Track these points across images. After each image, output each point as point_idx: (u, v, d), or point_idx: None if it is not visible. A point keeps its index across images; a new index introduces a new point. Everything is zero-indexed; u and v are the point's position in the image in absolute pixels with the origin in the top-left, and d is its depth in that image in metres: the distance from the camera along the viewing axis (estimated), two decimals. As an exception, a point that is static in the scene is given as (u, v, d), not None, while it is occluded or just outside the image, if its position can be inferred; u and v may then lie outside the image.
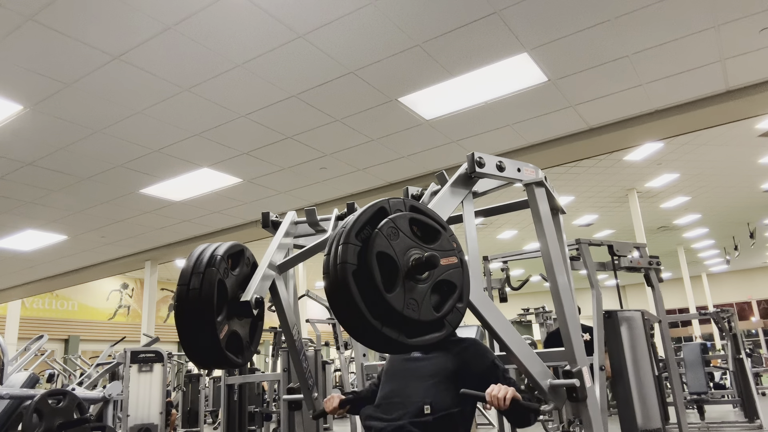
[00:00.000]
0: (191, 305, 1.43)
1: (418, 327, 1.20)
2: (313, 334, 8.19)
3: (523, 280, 5.79)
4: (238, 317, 1.56)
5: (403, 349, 1.21)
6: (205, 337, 1.42)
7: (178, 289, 1.47)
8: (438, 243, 1.30)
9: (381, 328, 1.15)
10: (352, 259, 1.19)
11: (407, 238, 1.26)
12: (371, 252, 1.19)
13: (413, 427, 1.73)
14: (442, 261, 1.26)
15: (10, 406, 4.23)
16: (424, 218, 1.33)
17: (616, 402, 3.54)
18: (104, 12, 3.41)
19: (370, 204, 1.31)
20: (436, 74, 4.36)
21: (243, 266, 1.67)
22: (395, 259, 1.21)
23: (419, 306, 1.19)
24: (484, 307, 1.49)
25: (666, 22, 3.85)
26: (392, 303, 1.16)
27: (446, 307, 1.25)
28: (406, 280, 1.20)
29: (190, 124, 4.94)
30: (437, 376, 1.86)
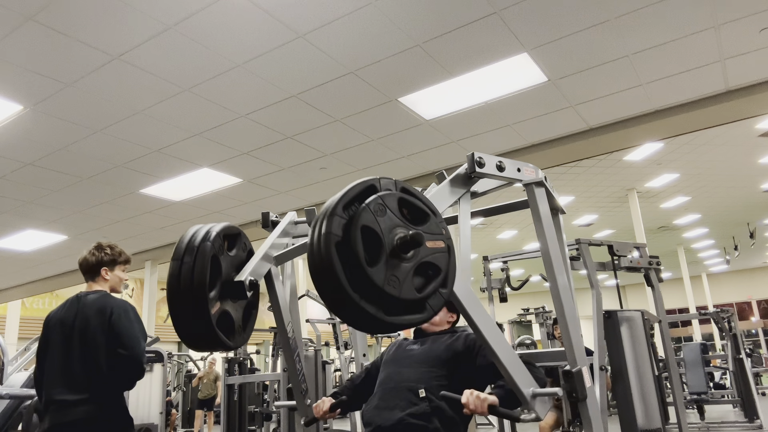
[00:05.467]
0: (184, 278, 1.41)
1: (398, 305, 1.17)
2: (313, 334, 8.19)
3: (523, 280, 5.79)
4: (231, 299, 1.53)
5: (381, 327, 1.17)
6: (196, 313, 1.39)
7: (171, 263, 1.44)
8: (426, 225, 1.29)
9: (359, 301, 1.13)
10: (337, 231, 1.18)
11: (395, 216, 1.25)
12: (356, 225, 1.18)
13: (412, 418, 1.76)
14: (429, 243, 1.25)
15: (10, 406, 4.23)
16: (414, 200, 1.32)
17: (616, 402, 3.54)
18: (104, 12, 3.41)
19: (360, 180, 1.31)
20: (436, 74, 4.36)
21: (239, 249, 1.64)
22: (380, 236, 1.20)
23: (400, 284, 1.17)
24: (470, 304, 1.47)
25: (666, 22, 3.85)
26: (373, 277, 1.14)
27: (428, 289, 1.22)
28: (389, 258, 1.18)
29: (190, 124, 4.94)
30: (431, 362, 1.91)
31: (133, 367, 2.34)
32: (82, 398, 2.24)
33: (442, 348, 1.96)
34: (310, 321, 7.79)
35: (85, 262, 2.61)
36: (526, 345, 9.91)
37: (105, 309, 2.38)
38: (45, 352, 2.41)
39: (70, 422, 2.21)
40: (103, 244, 2.69)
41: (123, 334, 2.34)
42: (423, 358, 1.97)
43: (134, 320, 2.43)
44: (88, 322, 2.35)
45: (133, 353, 2.32)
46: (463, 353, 1.91)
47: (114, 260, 2.67)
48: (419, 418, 1.76)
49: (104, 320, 2.34)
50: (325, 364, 5.01)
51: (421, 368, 1.92)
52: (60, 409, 2.23)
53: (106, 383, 2.30)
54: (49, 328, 2.46)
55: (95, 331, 2.32)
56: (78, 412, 2.22)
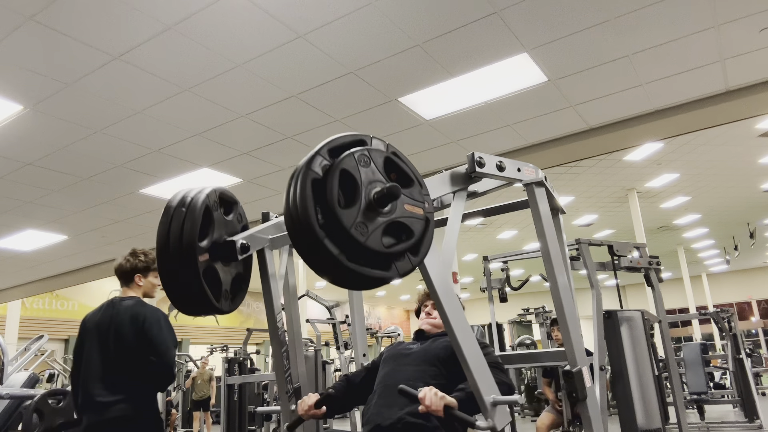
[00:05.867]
0: (174, 224, 1.38)
1: (363, 253, 1.14)
2: (313, 334, 8.19)
3: (523, 280, 5.80)
4: (222, 261, 1.48)
5: (341, 272, 1.13)
6: (183, 259, 1.35)
7: (163, 213, 1.41)
8: (408, 190, 1.28)
9: (323, 238, 1.11)
10: (317, 169, 1.17)
11: (377, 171, 1.24)
12: (336, 167, 1.18)
13: (411, 417, 1.76)
14: (407, 207, 1.23)
15: (10, 406, 4.23)
16: (401, 164, 1.31)
17: (616, 402, 3.54)
18: (104, 12, 3.41)
19: (353, 133, 1.30)
20: (436, 74, 4.36)
21: (235, 218, 1.61)
22: (358, 184, 1.19)
23: (368, 233, 1.15)
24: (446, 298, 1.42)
25: (666, 22, 3.85)
26: (341, 218, 1.12)
27: (397, 248, 1.19)
28: (363, 208, 1.17)
29: (190, 124, 4.94)
30: (429, 362, 1.92)
31: (164, 373, 2.48)
32: (118, 399, 2.39)
33: (440, 348, 1.97)
34: (310, 321, 7.79)
35: (119, 268, 2.78)
36: (526, 345, 9.91)
37: (138, 317, 2.51)
38: (81, 354, 2.56)
39: (107, 420, 2.36)
40: (138, 251, 2.82)
41: (155, 342, 2.46)
42: (421, 357, 1.98)
43: (165, 328, 2.55)
44: (123, 328, 2.48)
45: (163, 360, 2.46)
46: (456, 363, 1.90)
47: (147, 267, 2.77)
48: (418, 417, 1.76)
49: (138, 328, 2.48)
50: (325, 364, 5.02)
51: (419, 367, 1.92)
52: (98, 409, 2.38)
53: (139, 386, 2.45)
54: (85, 331, 2.60)
55: (129, 338, 2.46)
56: (114, 410, 2.37)
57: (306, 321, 7.93)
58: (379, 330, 11.48)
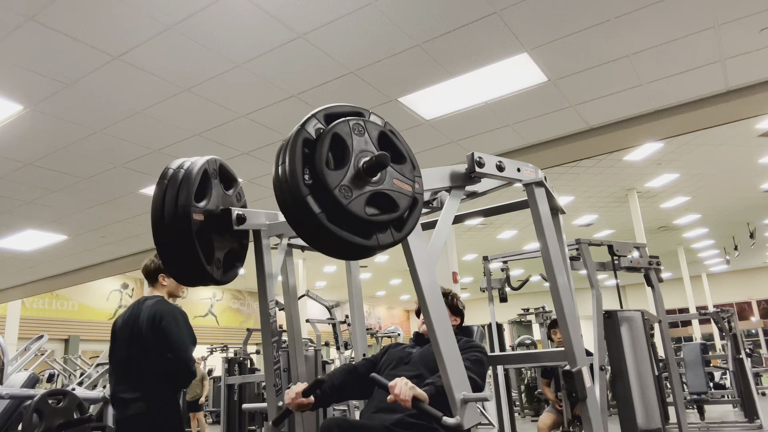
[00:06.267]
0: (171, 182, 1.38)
1: (343, 216, 1.13)
2: (313, 334, 8.19)
3: (523, 280, 5.80)
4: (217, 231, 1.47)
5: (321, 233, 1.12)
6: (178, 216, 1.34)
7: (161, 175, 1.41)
8: (399, 167, 1.27)
9: (305, 196, 1.11)
10: (310, 130, 1.18)
11: (370, 143, 1.24)
12: (329, 131, 1.18)
13: (410, 418, 1.76)
14: (396, 181, 1.23)
15: (10, 406, 4.23)
16: (397, 141, 1.31)
17: (616, 402, 3.54)
18: (104, 12, 3.41)
19: (353, 105, 1.30)
20: (436, 74, 4.36)
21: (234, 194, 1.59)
22: (349, 150, 1.19)
23: (352, 197, 1.15)
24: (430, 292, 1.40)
25: (666, 22, 3.85)
26: (327, 178, 1.12)
27: (380, 218, 1.18)
28: (351, 173, 1.17)
29: (190, 124, 4.94)
30: (425, 367, 1.92)
31: (180, 370, 2.56)
32: (137, 396, 2.51)
33: None
34: (310, 321, 7.79)
35: (145, 268, 2.84)
36: (526, 345, 9.91)
37: (156, 315, 2.60)
38: (112, 353, 2.70)
39: (128, 417, 2.50)
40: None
41: (171, 340, 2.54)
42: (421, 360, 1.98)
43: (182, 326, 2.62)
44: (143, 327, 2.59)
45: (179, 357, 2.52)
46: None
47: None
48: (419, 417, 1.76)
49: (155, 326, 2.56)
50: (325, 364, 5.01)
51: (419, 370, 1.92)
52: (122, 405, 2.53)
53: (157, 384, 2.53)
54: (116, 330, 2.73)
55: (148, 336, 2.56)
56: (134, 407, 2.49)
57: (306, 321, 7.92)
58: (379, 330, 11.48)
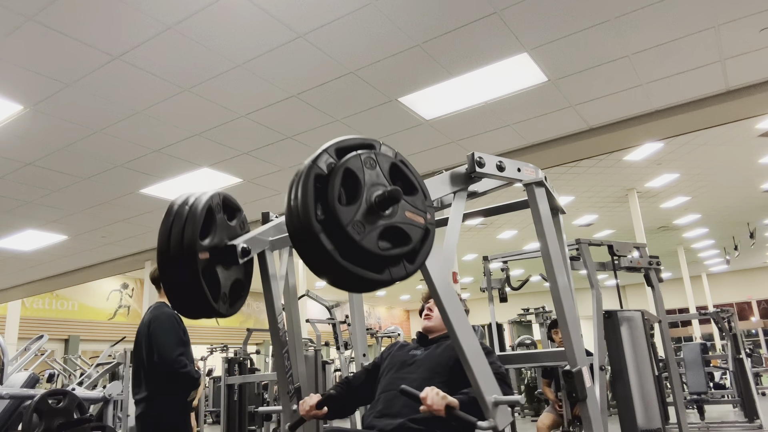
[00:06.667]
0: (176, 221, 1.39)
1: (356, 252, 1.14)
2: (313, 334, 8.19)
3: (523, 280, 5.79)
4: (222, 264, 1.49)
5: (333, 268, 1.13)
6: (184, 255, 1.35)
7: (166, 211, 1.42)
8: (411, 198, 1.27)
9: (319, 233, 1.11)
10: (321, 165, 1.18)
11: (382, 175, 1.24)
12: (341, 165, 1.18)
13: (412, 423, 1.76)
14: (408, 214, 1.23)
15: (10, 406, 4.23)
16: (408, 172, 1.31)
17: (616, 402, 3.54)
18: (104, 12, 3.41)
19: (364, 137, 1.30)
20: (436, 74, 4.36)
21: (237, 224, 1.61)
22: (361, 184, 1.18)
23: (365, 232, 1.15)
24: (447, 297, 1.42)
25: (666, 22, 3.85)
26: (339, 214, 1.12)
27: (393, 252, 1.19)
28: (363, 208, 1.17)
29: (190, 124, 4.95)
30: (433, 368, 1.91)
31: (165, 373, 2.71)
32: (142, 397, 2.77)
33: (445, 354, 1.95)
34: (310, 321, 7.79)
35: (152, 274, 3.03)
36: (526, 345, 9.91)
37: (150, 321, 2.81)
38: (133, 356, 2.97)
39: (136, 417, 2.80)
40: None
41: (157, 342, 2.73)
42: (426, 363, 1.96)
43: (168, 329, 2.78)
44: (142, 332, 2.83)
45: (162, 359, 2.69)
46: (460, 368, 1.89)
47: None
48: (420, 423, 1.76)
49: (149, 331, 2.78)
50: (325, 364, 5.01)
51: (423, 374, 1.91)
52: (136, 406, 2.81)
53: (155, 385, 2.76)
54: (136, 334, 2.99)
55: (145, 340, 2.79)
56: (139, 408, 2.76)
57: (306, 321, 7.92)
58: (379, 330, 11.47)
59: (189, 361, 2.88)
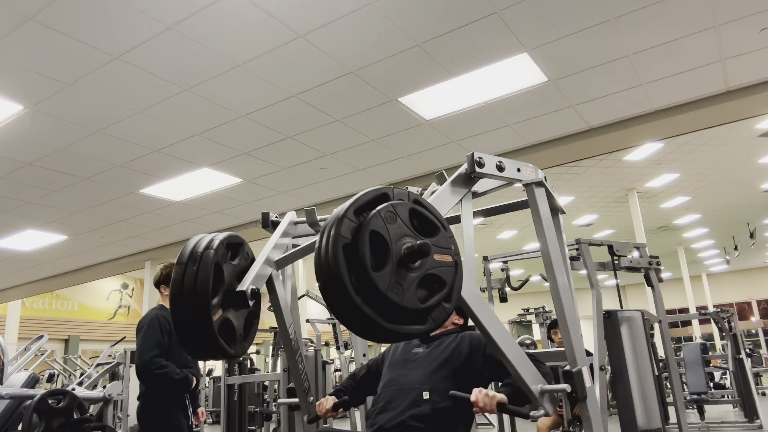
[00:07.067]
0: (187, 286, 1.42)
1: (400, 313, 1.17)
2: (313, 334, 8.19)
3: (523, 280, 5.80)
4: (233, 308, 1.54)
5: (382, 334, 1.17)
6: (198, 320, 1.40)
7: (175, 270, 1.46)
8: (435, 239, 1.29)
9: (361, 305, 1.13)
10: (346, 234, 1.18)
11: (404, 226, 1.25)
12: (365, 230, 1.18)
13: (413, 420, 1.76)
14: (436, 256, 1.25)
15: (10, 406, 4.23)
16: (425, 212, 1.32)
17: (616, 402, 3.54)
18: (104, 12, 3.41)
19: (374, 188, 1.30)
20: (436, 74, 4.36)
21: (241, 258, 1.65)
22: (388, 243, 1.20)
23: (404, 292, 1.17)
24: (477, 306, 1.48)
25: (666, 22, 3.85)
26: (377, 282, 1.14)
27: (432, 301, 1.22)
28: (395, 266, 1.19)
29: (190, 124, 4.94)
30: (436, 365, 1.92)
31: (139, 375, 2.95)
32: (139, 395, 3.03)
33: (448, 351, 1.96)
34: (310, 321, 7.79)
35: (154, 278, 3.21)
36: (526, 345, 9.91)
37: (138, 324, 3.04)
38: None
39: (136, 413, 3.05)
40: (167, 264, 3.24)
41: (137, 347, 2.96)
42: (428, 360, 1.97)
43: (146, 332, 2.95)
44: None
45: (138, 362, 2.92)
46: (468, 355, 1.91)
47: (168, 275, 3.18)
48: (420, 420, 1.77)
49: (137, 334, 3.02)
50: (325, 364, 5.01)
51: (425, 370, 1.92)
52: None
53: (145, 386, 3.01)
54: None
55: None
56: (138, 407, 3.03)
57: (306, 321, 7.92)
58: (379, 330, 11.46)
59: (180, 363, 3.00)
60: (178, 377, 2.95)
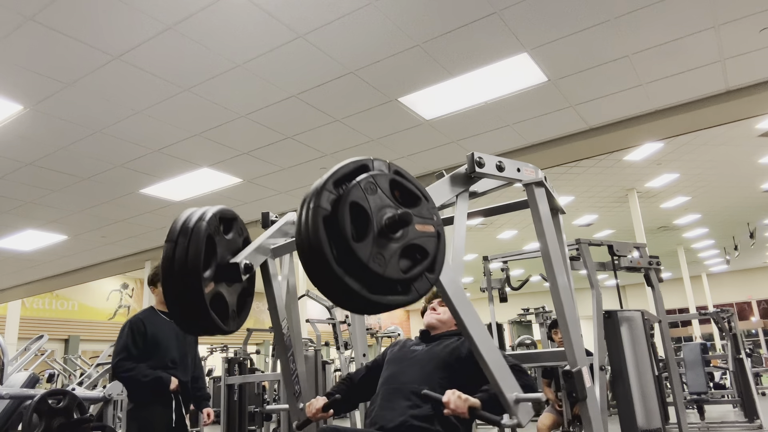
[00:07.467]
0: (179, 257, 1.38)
1: (383, 283, 1.15)
2: (313, 334, 8.19)
3: (523, 280, 5.80)
4: (226, 282, 1.50)
5: (365, 305, 1.15)
6: (190, 293, 1.36)
7: (166, 244, 1.42)
8: (417, 209, 1.28)
9: (343, 276, 1.11)
10: (325, 205, 1.17)
11: (385, 196, 1.24)
12: (345, 201, 1.17)
13: (415, 420, 1.76)
14: (418, 227, 1.24)
15: (10, 406, 4.23)
16: (406, 183, 1.31)
17: (616, 402, 3.54)
18: (104, 12, 3.41)
19: (353, 159, 1.29)
20: (436, 74, 4.36)
21: (236, 234, 1.61)
22: (369, 213, 1.19)
23: (386, 262, 1.16)
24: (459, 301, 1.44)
25: (666, 22, 3.85)
26: (358, 252, 1.13)
27: (414, 271, 1.21)
28: (377, 236, 1.17)
29: (190, 124, 4.95)
30: (434, 365, 1.91)
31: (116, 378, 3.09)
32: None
33: (447, 351, 1.95)
34: (310, 321, 7.79)
35: (150, 277, 3.20)
36: (526, 345, 9.92)
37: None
38: None
39: None
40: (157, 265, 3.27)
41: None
42: (427, 359, 1.96)
43: (118, 338, 3.01)
44: None
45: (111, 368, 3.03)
46: (466, 358, 1.89)
47: (156, 275, 3.16)
48: (422, 420, 1.76)
49: None
50: (325, 364, 5.01)
51: (424, 370, 1.91)
52: None
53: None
54: None
55: None
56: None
57: (306, 321, 7.92)
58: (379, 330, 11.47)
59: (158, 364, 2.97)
60: (146, 379, 2.89)
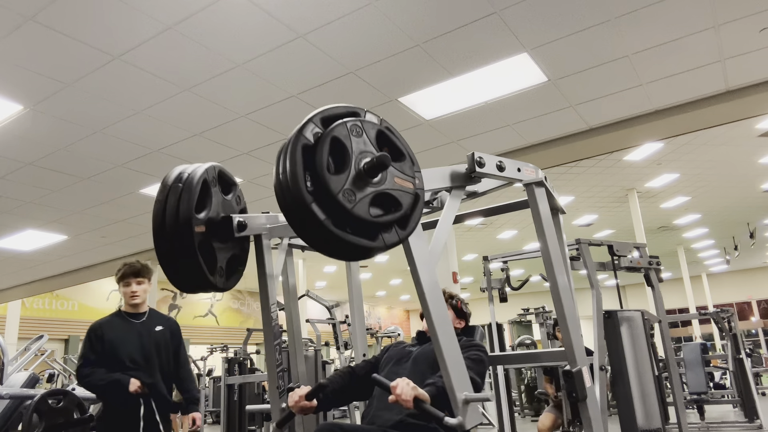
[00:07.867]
0: (171, 196, 1.37)
1: (349, 220, 1.14)
2: (313, 334, 8.19)
3: (523, 280, 5.80)
4: (218, 237, 1.47)
5: (326, 237, 1.13)
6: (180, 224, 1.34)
7: (160, 185, 1.40)
8: (400, 164, 1.28)
9: (310, 203, 1.11)
10: (308, 135, 1.17)
11: (369, 143, 1.24)
12: (328, 135, 1.18)
13: (411, 418, 1.76)
14: (397, 180, 1.24)
15: (10, 406, 4.23)
16: (394, 138, 1.31)
17: (616, 402, 3.54)
18: (104, 12, 3.41)
19: (347, 104, 1.29)
20: (436, 74, 4.36)
21: (233, 198, 1.60)
22: (349, 152, 1.19)
23: (356, 200, 1.16)
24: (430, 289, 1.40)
25: (666, 22, 3.85)
26: (329, 183, 1.13)
27: (384, 219, 1.19)
28: (353, 176, 1.17)
29: (190, 124, 4.94)
30: (429, 363, 1.91)
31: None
32: None
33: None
34: (310, 321, 7.79)
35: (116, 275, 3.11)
36: (526, 345, 9.91)
37: None
38: None
39: None
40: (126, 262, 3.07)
41: None
42: (421, 358, 1.97)
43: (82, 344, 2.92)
44: None
45: None
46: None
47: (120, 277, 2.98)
48: (419, 418, 1.77)
49: None
50: (325, 364, 5.01)
51: (419, 369, 1.92)
52: None
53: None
54: None
55: None
56: None
57: (306, 321, 7.92)
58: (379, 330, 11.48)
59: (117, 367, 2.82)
60: (103, 383, 2.79)
